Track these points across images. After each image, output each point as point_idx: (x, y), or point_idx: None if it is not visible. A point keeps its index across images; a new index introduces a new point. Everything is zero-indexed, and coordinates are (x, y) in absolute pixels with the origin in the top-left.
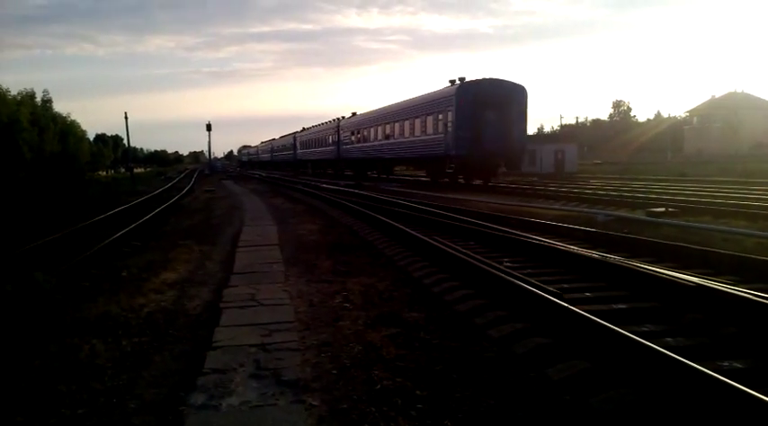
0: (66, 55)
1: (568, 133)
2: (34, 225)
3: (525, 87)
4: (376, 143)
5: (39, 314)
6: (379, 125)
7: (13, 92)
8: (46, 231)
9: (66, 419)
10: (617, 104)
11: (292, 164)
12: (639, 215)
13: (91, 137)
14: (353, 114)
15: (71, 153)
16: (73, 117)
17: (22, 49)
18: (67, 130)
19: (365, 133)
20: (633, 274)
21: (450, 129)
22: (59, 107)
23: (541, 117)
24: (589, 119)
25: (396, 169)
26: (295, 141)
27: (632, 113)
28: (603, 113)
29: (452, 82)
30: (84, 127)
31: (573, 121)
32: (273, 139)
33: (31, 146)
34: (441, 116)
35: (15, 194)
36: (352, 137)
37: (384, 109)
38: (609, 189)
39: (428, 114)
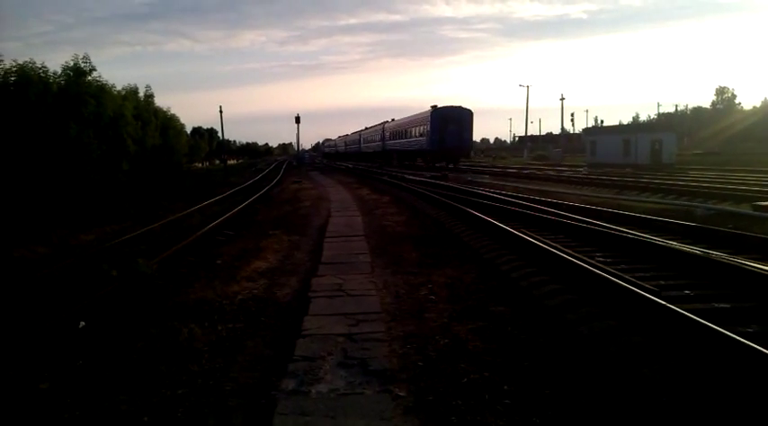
0: (166, 51)
1: (666, 121)
2: (137, 213)
3: (472, 110)
4: (401, 140)
5: (141, 298)
6: (401, 129)
7: (118, 87)
8: (147, 219)
9: (167, 399)
10: (720, 91)
11: (357, 156)
12: (745, 209)
13: (188, 129)
14: (393, 120)
15: (171, 145)
16: (173, 111)
17: (125, 46)
18: (167, 124)
19: (396, 133)
20: (737, 271)
21: (427, 135)
22: (160, 101)
23: (636, 105)
24: (690, 106)
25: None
26: (360, 137)
27: (737, 100)
28: (705, 101)
29: (432, 107)
30: (182, 120)
31: (672, 109)
32: (347, 135)
33: (135, 139)
34: (423, 127)
35: (120, 185)
36: (390, 136)
37: (404, 118)
38: (710, 181)
39: (419, 125)
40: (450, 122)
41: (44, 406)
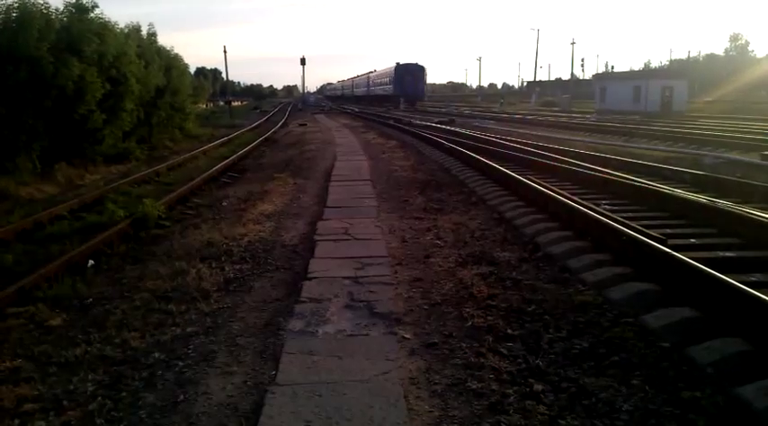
0: None
1: (678, 69)
2: (142, 154)
3: (425, 66)
4: (378, 87)
5: (148, 238)
6: (378, 79)
7: (121, 25)
8: (153, 161)
9: (177, 337)
10: (734, 38)
11: (351, 98)
12: (753, 158)
13: (192, 70)
14: (375, 70)
15: (174, 86)
16: (176, 50)
17: None
18: (171, 64)
19: (376, 82)
20: (743, 221)
21: (393, 83)
22: (163, 40)
23: (648, 51)
24: (702, 53)
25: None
26: (353, 83)
27: (750, 48)
28: (718, 48)
29: (396, 63)
30: (185, 60)
31: (684, 56)
32: (344, 80)
33: (138, 78)
34: (390, 77)
35: (125, 125)
36: (372, 83)
37: (380, 70)
38: (719, 129)
39: (388, 76)
40: (407, 74)
41: (56, 342)
